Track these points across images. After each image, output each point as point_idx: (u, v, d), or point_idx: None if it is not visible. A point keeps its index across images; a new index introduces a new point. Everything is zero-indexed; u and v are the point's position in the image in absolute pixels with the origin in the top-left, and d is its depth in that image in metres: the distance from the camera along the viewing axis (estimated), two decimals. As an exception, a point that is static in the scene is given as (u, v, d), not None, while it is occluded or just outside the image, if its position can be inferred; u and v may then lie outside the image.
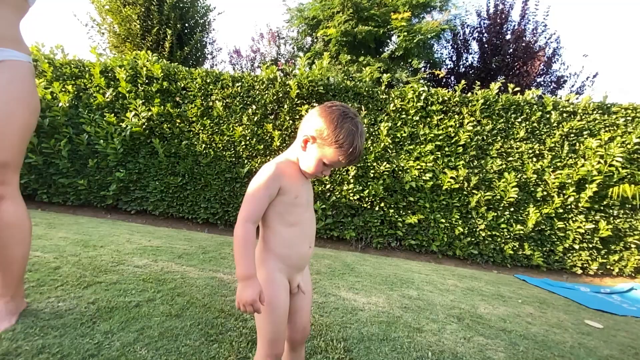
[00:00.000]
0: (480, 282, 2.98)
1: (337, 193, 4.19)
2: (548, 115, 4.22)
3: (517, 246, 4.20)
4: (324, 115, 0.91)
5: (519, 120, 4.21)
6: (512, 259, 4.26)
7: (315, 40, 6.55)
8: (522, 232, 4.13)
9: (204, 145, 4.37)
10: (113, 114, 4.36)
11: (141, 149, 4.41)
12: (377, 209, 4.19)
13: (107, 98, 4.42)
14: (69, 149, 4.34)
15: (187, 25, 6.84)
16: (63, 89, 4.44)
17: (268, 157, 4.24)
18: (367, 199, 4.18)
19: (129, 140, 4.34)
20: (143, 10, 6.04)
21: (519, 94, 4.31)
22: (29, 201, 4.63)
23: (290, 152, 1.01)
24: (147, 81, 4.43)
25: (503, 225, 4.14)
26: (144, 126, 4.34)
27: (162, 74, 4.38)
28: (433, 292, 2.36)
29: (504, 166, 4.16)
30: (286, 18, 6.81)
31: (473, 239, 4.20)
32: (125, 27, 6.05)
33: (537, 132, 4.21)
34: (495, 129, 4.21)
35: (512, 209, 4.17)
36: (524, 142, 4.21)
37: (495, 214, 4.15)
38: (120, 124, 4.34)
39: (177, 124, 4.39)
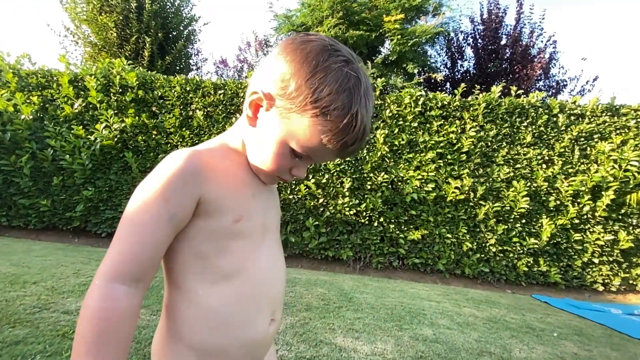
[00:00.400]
0: (501, 309, 2.56)
1: (331, 208, 3.78)
2: (555, 119, 3.91)
3: (531, 262, 3.80)
4: (292, 51, 0.46)
5: (525, 124, 3.90)
6: (527, 276, 3.85)
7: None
8: (536, 246, 3.74)
9: (182, 159, 3.95)
10: (81, 127, 3.94)
11: (112, 164, 3.98)
12: (375, 224, 3.77)
13: (76, 109, 4.02)
14: (31, 165, 3.89)
15: (170, 35, 6.54)
16: (27, 100, 4.03)
17: (254, 170, 3.83)
18: (364, 213, 3.77)
19: (98, 154, 3.91)
20: (121, 18, 5.73)
21: (522, 96, 4.02)
22: (-14, 225, 4.12)
23: (231, 133, 0.57)
24: (120, 90, 4.04)
25: (515, 239, 3.75)
26: (115, 139, 3.92)
27: (137, 83, 4.01)
28: (451, 329, 1.93)
29: (512, 174, 3.81)
30: (274, 25, 6.58)
31: (483, 255, 3.79)
32: (102, 35, 5.71)
33: (545, 136, 3.90)
34: (499, 134, 3.89)
35: (523, 221, 3.79)
36: (532, 147, 3.88)
37: (506, 226, 3.77)
38: (89, 137, 3.92)
39: (153, 136, 3.98)
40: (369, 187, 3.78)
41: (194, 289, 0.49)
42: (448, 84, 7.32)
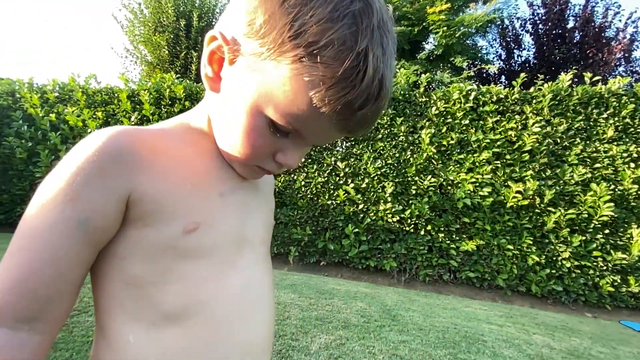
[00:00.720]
0: (583, 339, 2.10)
1: (372, 214, 3.54)
2: (645, 108, 3.25)
3: (618, 281, 3.16)
4: None
5: (605, 116, 3.30)
6: (613, 297, 3.20)
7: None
8: (624, 261, 3.10)
9: (224, 165, 4.05)
10: (136, 137, 4.26)
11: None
12: (422, 232, 3.45)
13: (132, 122, 4.36)
14: (95, 174, 4.30)
15: (216, 49, 6.89)
16: (93, 116, 4.49)
17: (292, 175, 3.77)
18: (409, 220, 3.47)
19: (150, 163, 4.18)
20: (172, 37, 6.23)
21: (599, 84, 3.41)
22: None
23: (195, 109, 0.43)
24: (170, 102, 4.31)
25: (596, 253, 3.15)
26: (165, 148, 4.16)
27: (184, 94, 4.24)
28: (519, 364, 1.60)
29: (589, 175, 3.23)
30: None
31: (554, 271, 3.24)
32: (156, 54, 6.26)
33: (632, 130, 3.26)
34: (572, 128, 3.33)
35: (606, 231, 3.17)
36: (615, 143, 3.26)
37: (584, 237, 3.18)
38: (143, 147, 4.22)
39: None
40: (413, 191, 3.48)
41: (122, 334, 0.33)
42: (503, 77, 6.62)
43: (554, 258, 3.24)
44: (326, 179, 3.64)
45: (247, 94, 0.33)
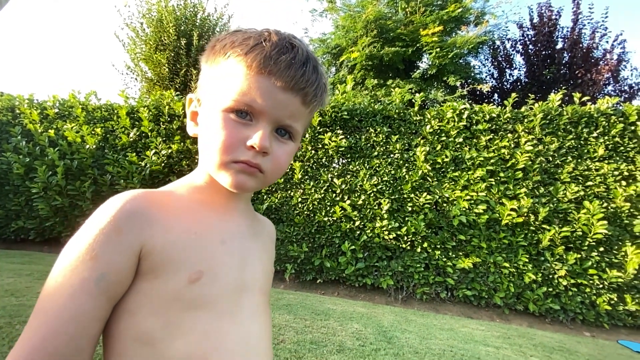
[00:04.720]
0: (581, 362, 2.08)
1: (369, 231, 3.55)
2: (633, 127, 3.35)
3: (615, 299, 3.15)
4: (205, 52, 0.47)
5: (595, 135, 3.38)
6: (611, 316, 3.19)
7: (339, 67, 6.33)
8: (620, 279, 3.11)
9: (221, 182, 4.07)
10: (135, 154, 4.28)
11: (159, 187, 4.23)
12: (419, 250, 3.45)
13: (131, 138, 4.39)
14: (92, 190, 4.29)
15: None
16: (92, 132, 4.51)
17: (289, 192, 3.79)
18: (405, 237, 3.47)
19: (148, 179, 4.19)
20: (172, 55, 6.36)
21: (589, 104, 3.51)
22: (55, 244, 4.57)
23: (197, 169, 0.49)
24: (168, 119, 4.36)
25: (592, 271, 3.16)
26: (163, 164, 4.18)
27: (183, 111, 4.30)
28: (516, 389, 1.58)
29: (582, 193, 3.27)
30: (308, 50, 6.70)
31: (551, 289, 3.24)
32: (157, 71, 6.37)
33: (622, 148, 3.33)
34: (563, 147, 3.41)
35: (601, 249, 3.19)
36: (605, 161, 3.33)
37: (579, 255, 3.20)
38: (141, 163, 4.24)
39: (196, 160, 4.17)
40: (409, 208, 3.50)
41: None
42: (496, 95, 6.79)
43: (551, 276, 3.24)
44: (323, 195, 3.66)
45: (212, 105, 0.42)
